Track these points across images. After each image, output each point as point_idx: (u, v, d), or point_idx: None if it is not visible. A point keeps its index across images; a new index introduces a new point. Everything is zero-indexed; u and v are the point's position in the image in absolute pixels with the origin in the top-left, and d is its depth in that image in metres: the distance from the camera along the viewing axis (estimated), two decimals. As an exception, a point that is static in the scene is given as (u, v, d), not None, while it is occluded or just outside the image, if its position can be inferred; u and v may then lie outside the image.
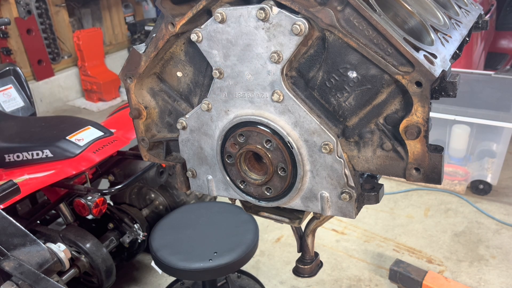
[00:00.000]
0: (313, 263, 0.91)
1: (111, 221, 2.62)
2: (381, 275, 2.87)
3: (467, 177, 3.59)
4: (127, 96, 0.89)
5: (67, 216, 2.50)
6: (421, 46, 0.62)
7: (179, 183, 0.91)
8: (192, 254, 2.00)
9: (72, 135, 2.42)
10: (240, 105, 0.74)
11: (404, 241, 3.15)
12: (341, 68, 0.67)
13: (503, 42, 5.28)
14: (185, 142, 0.84)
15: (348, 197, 0.70)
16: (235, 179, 0.80)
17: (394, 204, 3.55)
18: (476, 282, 2.77)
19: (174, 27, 0.76)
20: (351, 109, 0.69)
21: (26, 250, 1.32)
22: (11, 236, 1.33)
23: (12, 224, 1.36)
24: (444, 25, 0.77)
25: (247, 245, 2.04)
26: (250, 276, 2.74)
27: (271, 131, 0.72)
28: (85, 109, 6.09)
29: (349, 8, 0.62)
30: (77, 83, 6.35)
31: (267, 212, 0.87)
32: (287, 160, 0.72)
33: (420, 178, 0.66)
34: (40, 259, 1.31)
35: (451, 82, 0.63)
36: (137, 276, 3.01)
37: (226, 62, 0.72)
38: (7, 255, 1.29)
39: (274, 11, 0.65)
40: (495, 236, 3.15)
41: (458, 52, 0.85)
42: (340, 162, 0.69)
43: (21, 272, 1.24)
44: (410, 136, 0.63)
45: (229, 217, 2.24)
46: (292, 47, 0.65)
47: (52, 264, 1.34)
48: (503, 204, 3.45)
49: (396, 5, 0.72)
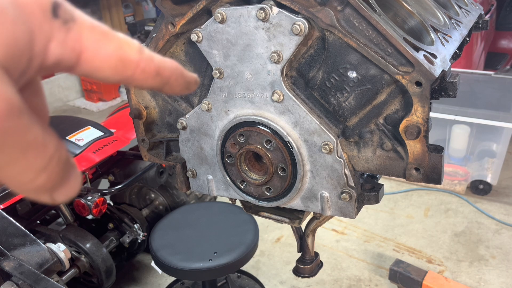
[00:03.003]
0: (313, 263, 0.91)
1: (111, 221, 2.63)
2: (381, 275, 2.87)
3: (467, 177, 3.60)
4: (127, 96, 0.89)
5: (67, 216, 2.50)
6: (421, 46, 0.62)
7: (179, 183, 0.91)
8: (192, 254, 2.00)
9: (72, 135, 2.42)
10: (240, 105, 0.74)
11: (404, 241, 3.15)
12: (341, 68, 0.67)
13: (503, 42, 5.29)
14: (185, 142, 0.84)
15: (348, 197, 0.70)
16: (235, 179, 0.80)
17: (394, 204, 3.55)
18: (476, 282, 2.77)
19: (174, 27, 0.76)
20: (351, 109, 0.69)
21: (26, 250, 1.32)
22: (11, 236, 1.33)
23: (12, 224, 1.36)
24: (444, 25, 0.77)
25: (247, 245, 2.04)
26: (250, 276, 2.74)
27: (271, 131, 0.72)
28: (85, 109, 6.10)
29: (349, 8, 0.62)
30: (77, 83, 6.35)
31: (267, 212, 0.87)
32: (287, 160, 0.72)
33: (420, 178, 0.66)
34: (40, 259, 1.31)
35: (451, 82, 0.63)
36: (137, 276, 3.01)
37: (226, 62, 0.72)
38: (7, 255, 1.29)
39: (274, 11, 0.65)
40: (495, 236, 3.15)
41: (458, 52, 0.85)
42: (340, 162, 0.69)
43: (21, 272, 1.24)
44: (410, 136, 0.63)
45: (229, 217, 2.24)
46: (292, 47, 0.65)
47: (52, 264, 1.34)
48: (503, 204, 3.45)
49: (396, 5, 0.72)
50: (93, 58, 0.31)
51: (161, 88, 0.36)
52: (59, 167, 0.30)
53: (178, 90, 0.37)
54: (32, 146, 0.27)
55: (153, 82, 0.34)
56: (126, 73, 0.32)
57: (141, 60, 0.33)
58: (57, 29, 0.29)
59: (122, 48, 0.32)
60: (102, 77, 0.32)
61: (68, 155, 0.31)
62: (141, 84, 0.34)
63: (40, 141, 0.28)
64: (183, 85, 0.37)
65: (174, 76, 0.36)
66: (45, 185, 0.29)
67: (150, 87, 0.35)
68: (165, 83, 0.35)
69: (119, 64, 0.32)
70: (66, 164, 0.30)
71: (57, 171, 0.29)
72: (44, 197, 0.31)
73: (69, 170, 0.31)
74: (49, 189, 0.30)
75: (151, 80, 0.34)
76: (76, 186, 0.32)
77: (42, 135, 0.28)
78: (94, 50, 0.30)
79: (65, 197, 0.32)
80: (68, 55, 0.30)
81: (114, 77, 0.32)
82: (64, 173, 0.30)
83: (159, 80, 0.34)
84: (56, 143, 0.29)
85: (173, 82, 0.36)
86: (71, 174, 0.32)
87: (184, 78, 0.37)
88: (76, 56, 0.30)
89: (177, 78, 0.36)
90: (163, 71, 0.34)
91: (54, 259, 1.35)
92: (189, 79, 0.38)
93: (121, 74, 0.32)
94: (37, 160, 0.28)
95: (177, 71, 0.36)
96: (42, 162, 0.28)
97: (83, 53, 0.30)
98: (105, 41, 0.31)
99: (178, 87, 0.37)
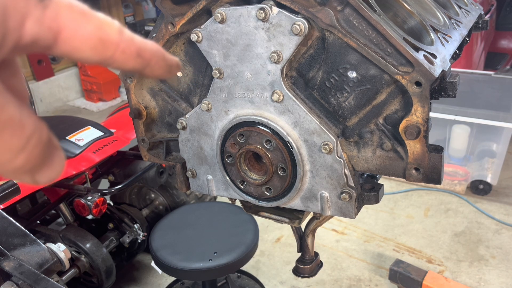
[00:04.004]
0: (313, 263, 0.91)
1: (111, 221, 2.63)
2: (381, 275, 2.87)
3: (467, 177, 3.60)
4: (127, 96, 0.89)
5: (67, 216, 2.50)
6: (421, 46, 0.62)
7: (179, 183, 0.91)
8: (192, 254, 2.00)
9: (72, 135, 2.42)
10: (240, 105, 0.74)
11: (404, 241, 3.15)
12: (341, 68, 0.67)
13: (503, 42, 5.28)
14: (185, 142, 0.84)
15: (348, 197, 0.70)
16: (235, 179, 0.80)
17: (394, 204, 3.55)
18: (476, 282, 2.77)
19: (174, 27, 0.76)
20: (351, 109, 0.69)
21: (26, 250, 1.32)
22: (11, 236, 1.33)
23: (12, 224, 1.36)
24: (444, 25, 0.77)
25: (247, 245, 2.04)
26: (250, 276, 2.74)
27: (271, 131, 0.72)
28: (85, 109, 6.09)
29: (349, 8, 0.62)
30: (77, 83, 6.35)
31: (267, 212, 0.87)
32: (287, 160, 0.72)
33: (420, 178, 0.66)
34: (40, 259, 1.31)
35: (451, 82, 0.63)
36: (137, 276, 3.01)
37: (226, 62, 0.73)
38: (7, 255, 1.29)
39: (274, 11, 0.65)
40: (495, 236, 3.15)
41: (458, 52, 0.85)
42: (340, 162, 0.69)
43: (21, 272, 1.24)
44: (409, 136, 0.63)
45: (229, 217, 2.24)
46: (292, 47, 0.65)
47: (52, 264, 1.34)
48: (503, 204, 3.45)
49: (396, 5, 0.72)
50: (72, 37, 0.30)
51: (142, 70, 0.35)
52: (38, 148, 0.29)
53: (160, 73, 0.37)
54: (7, 125, 0.27)
55: (134, 64, 0.34)
56: (106, 54, 0.32)
57: (121, 41, 0.32)
58: (33, 6, 0.28)
59: (102, 28, 0.31)
60: (81, 58, 0.31)
61: (51, 136, 0.31)
62: (122, 65, 0.33)
63: (16, 121, 0.28)
64: (164, 68, 0.37)
65: (155, 59, 0.35)
66: (25, 166, 0.29)
67: (131, 69, 0.34)
68: (146, 65, 0.35)
69: (99, 45, 0.31)
70: (47, 145, 0.30)
71: (37, 152, 0.29)
72: (25, 178, 0.30)
73: (52, 152, 0.31)
74: (29, 170, 0.30)
75: (132, 61, 0.33)
76: (59, 168, 0.32)
77: (18, 115, 0.28)
78: (73, 30, 0.30)
79: (47, 178, 0.31)
80: (45, 34, 0.29)
81: (93, 57, 0.31)
82: (45, 154, 0.30)
83: (140, 61, 0.34)
84: (35, 123, 0.29)
85: (154, 64, 0.35)
86: (54, 155, 0.31)
87: (165, 61, 0.37)
88: (53, 35, 0.29)
89: (158, 61, 0.36)
90: (144, 52, 0.34)
91: (54, 259, 1.35)
92: (171, 62, 0.38)
93: (101, 55, 0.31)
94: (13, 140, 0.28)
95: (158, 53, 0.36)
96: (19, 142, 0.28)
97: (61, 32, 0.29)
98: (84, 21, 0.30)
99: (160, 69, 0.36)
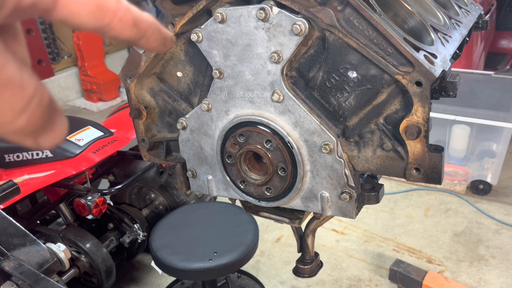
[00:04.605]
0: (313, 263, 0.91)
1: (111, 221, 2.62)
2: (381, 275, 2.87)
3: (467, 177, 3.60)
4: (127, 96, 0.89)
5: (67, 216, 2.50)
6: (421, 46, 0.62)
7: (179, 183, 0.91)
8: (192, 254, 2.00)
9: (72, 135, 2.42)
10: (240, 105, 0.74)
11: (404, 241, 3.15)
12: (341, 68, 0.67)
13: (503, 42, 5.28)
14: (185, 142, 0.84)
15: (348, 197, 0.70)
16: (235, 179, 0.80)
17: (394, 204, 3.55)
18: (476, 282, 2.77)
19: (174, 27, 0.76)
20: (351, 109, 0.69)
21: (26, 250, 1.32)
22: (11, 236, 1.33)
23: (12, 224, 1.36)
24: (444, 25, 0.77)
25: (247, 245, 2.04)
26: (250, 276, 2.74)
27: (271, 131, 0.72)
28: (85, 109, 6.09)
29: (349, 8, 0.62)
30: (77, 83, 6.35)
31: (267, 212, 0.87)
32: (287, 160, 0.72)
33: (420, 178, 0.66)
34: (40, 259, 1.31)
35: (451, 82, 0.63)
36: (137, 276, 3.01)
37: (226, 62, 0.72)
38: (7, 255, 1.29)
39: (274, 11, 0.65)
40: (495, 236, 3.15)
41: (458, 52, 0.85)
42: (340, 162, 0.69)
43: (21, 272, 1.24)
44: (410, 136, 0.63)
45: (229, 217, 2.24)
46: (292, 47, 0.65)
47: (52, 264, 1.34)
48: (503, 204, 3.45)
49: (396, 5, 0.72)
50: (71, 2, 0.30)
51: (137, 41, 0.36)
52: (40, 110, 0.29)
53: (154, 46, 0.37)
54: (8, 84, 0.27)
55: (130, 33, 0.34)
56: (103, 21, 0.32)
57: (119, 9, 0.33)
58: None
59: None
60: (78, 24, 0.31)
61: (53, 99, 0.31)
62: (118, 34, 0.34)
63: (17, 81, 0.28)
64: (159, 40, 0.38)
65: (151, 30, 0.36)
66: (26, 127, 0.29)
67: (126, 39, 0.35)
68: (142, 35, 0.35)
69: (97, 11, 0.31)
70: (49, 108, 0.30)
71: (39, 113, 0.29)
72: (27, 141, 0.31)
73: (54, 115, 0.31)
74: (31, 133, 0.30)
75: (128, 31, 0.34)
76: (61, 133, 0.32)
77: (19, 75, 0.28)
78: None
79: (50, 143, 0.32)
80: None
81: (91, 24, 0.32)
82: (47, 117, 0.30)
83: (136, 31, 0.35)
84: (36, 85, 0.29)
85: (149, 35, 0.36)
86: (56, 119, 0.32)
87: (160, 33, 0.38)
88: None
89: (154, 32, 0.37)
90: (140, 23, 0.35)
91: (54, 259, 1.35)
92: (166, 35, 0.38)
93: (99, 22, 0.32)
94: (14, 99, 0.28)
95: (154, 25, 0.36)
96: (20, 102, 0.28)
97: None
98: None
99: (155, 42, 0.37)
